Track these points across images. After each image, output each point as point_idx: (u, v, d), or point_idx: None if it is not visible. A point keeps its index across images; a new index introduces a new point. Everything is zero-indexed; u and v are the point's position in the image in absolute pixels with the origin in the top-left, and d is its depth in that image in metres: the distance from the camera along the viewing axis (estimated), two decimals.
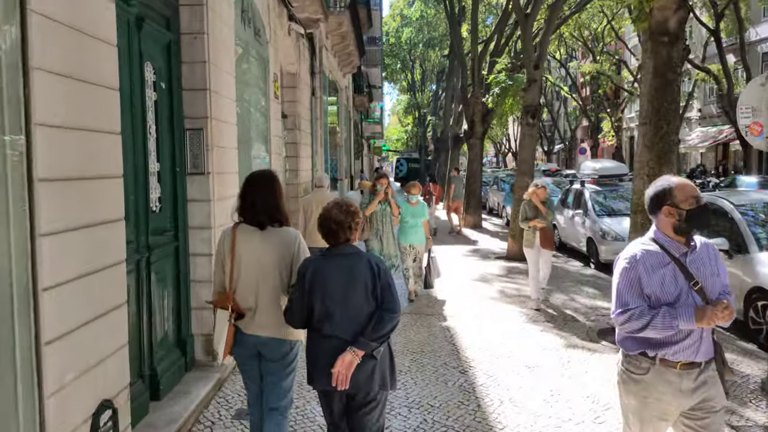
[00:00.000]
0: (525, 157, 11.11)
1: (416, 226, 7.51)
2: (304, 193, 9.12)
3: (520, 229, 11.34)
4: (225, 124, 4.67)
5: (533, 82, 11.01)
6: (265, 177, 3.19)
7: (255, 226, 3.00)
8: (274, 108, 6.73)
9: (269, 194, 3.08)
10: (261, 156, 6.43)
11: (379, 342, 2.77)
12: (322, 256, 2.88)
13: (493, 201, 21.98)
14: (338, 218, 2.84)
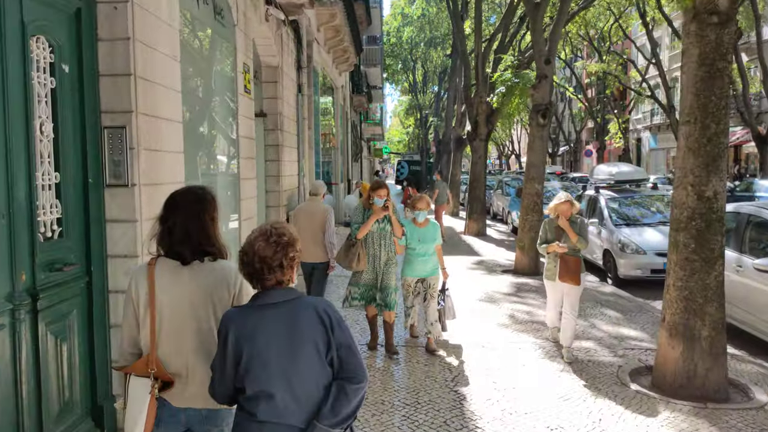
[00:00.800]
0: (534, 161, 10.07)
1: (426, 254, 5.61)
2: (288, 201, 8.10)
3: (530, 240, 10.33)
4: (163, 122, 3.64)
5: (544, 78, 9.97)
6: (195, 195, 2.35)
7: (180, 261, 2.23)
8: (245, 104, 5.70)
9: (199, 217, 2.28)
10: (225, 161, 5.40)
11: (342, 427, 2.00)
12: (249, 308, 2.06)
13: (498, 206, 20.94)
14: (264, 253, 2.05)
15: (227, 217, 5.28)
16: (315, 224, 5.78)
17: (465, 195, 26.50)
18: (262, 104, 7.58)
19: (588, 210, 11.11)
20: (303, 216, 5.91)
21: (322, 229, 5.80)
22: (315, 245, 5.76)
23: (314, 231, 5.77)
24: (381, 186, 5.49)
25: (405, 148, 61.14)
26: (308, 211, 5.96)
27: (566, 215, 5.54)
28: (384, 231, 5.48)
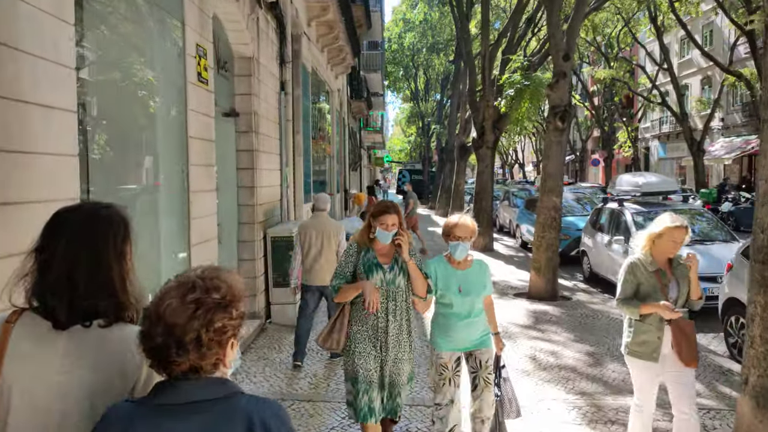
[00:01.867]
0: (552, 171, 8.85)
1: (472, 312, 3.47)
2: (266, 216, 6.89)
3: (546, 260, 9.10)
4: (35, 109, 2.43)
5: (562, 76, 8.78)
6: (90, 214, 1.56)
7: (51, 322, 1.45)
8: (200, 97, 4.50)
9: (94, 250, 1.49)
10: (167, 170, 4.19)
11: None
12: (143, 407, 1.34)
13: (504, 218, 19.71)
14: (172, 319, 1.31)
15: (168, 244, 4.07)
16: (327, 242, 5.34)
17: (469, 206, 25.34)
18: (233, 102, 6.38)
19: (610, 226, 9.87)
20: (313, 233, 5.44)
21: (335, 248, 5.38)
22: (328, 265, 5.26)
23: (326, 250, 5.34)
24: (388, 210, 3.29)
25: (407, 157, 60.02)
26: (318, 228, 5.48)
27: (674, 251, 3.48)
28: (394, 286, 3.25)
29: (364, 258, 3.33)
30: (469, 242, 3.51)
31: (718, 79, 32.87)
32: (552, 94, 8.90)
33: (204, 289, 1.35)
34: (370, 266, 3.28)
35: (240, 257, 6.46)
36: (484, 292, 3.56)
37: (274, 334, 6.46)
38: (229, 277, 1.42)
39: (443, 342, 3.49)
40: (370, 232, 3.33)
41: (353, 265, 3.34)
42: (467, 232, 3.50)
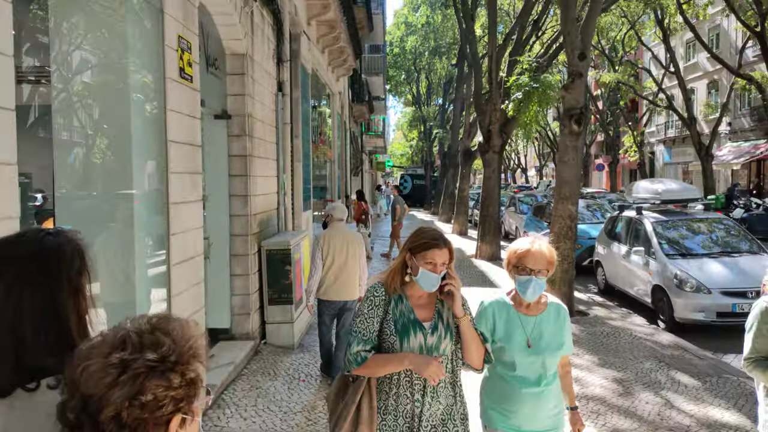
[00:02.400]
0: (567, 177, 8.30)
1: (542, 379, 2.46)
2: (261, 227, 6.34)
3: (561, 274, 8.53)
4: None
5: (578, 76, 8.24)
6: (35, 250, 1.26)
7: None
8: (182, 95, 3.95)
9: (46, 294, 1.24)
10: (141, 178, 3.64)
11: None
12: None
13: (510, 224, 19.13)
14: (88, 389, 0.99)
15: (142, 266, 3.52)
16: (352, 255, 5.10)
17: (472, 211, 24.80)
18: (225, 103, 5.84)
19: (628, 235, 9.30)
20: (338, 244, 5.12)
21: (359, 261, 5.19)
22: (351, 280, 5.12)
23: (351, 263, 5.11)
24: (437, 243, 2.29)
25: (408, 162, 59.52)
26: (343, 239, 5.17)
27: None
28: (437, 353, 2.22)
29: (395, 310, 2.25)
30: (545, 277, 2.47)
31: (725, 83, 32.36)
32: (567, 96, 8.35)
33: (137, 346, 1.00)
34: (407, 325, 2.21)
35: (232, 272, 5.91)
36: (561, 350, 2.51)
37: (268, 358, 5.89)
38: (177, 328, 1.07)
39: (499, 418, 2.47)
40: (404, 273, 2.28)
41: (379, 320, 2.24)
42: (543, 263, 2.45)
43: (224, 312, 5.90)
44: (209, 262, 5.03)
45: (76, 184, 3.20)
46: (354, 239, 5.20)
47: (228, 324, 5.91)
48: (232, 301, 5.92)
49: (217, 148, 5.81)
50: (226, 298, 5.90)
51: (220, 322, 5.88)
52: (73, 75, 3.24)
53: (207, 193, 5.48)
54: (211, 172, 5.78)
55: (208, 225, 5.63)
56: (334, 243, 5.11)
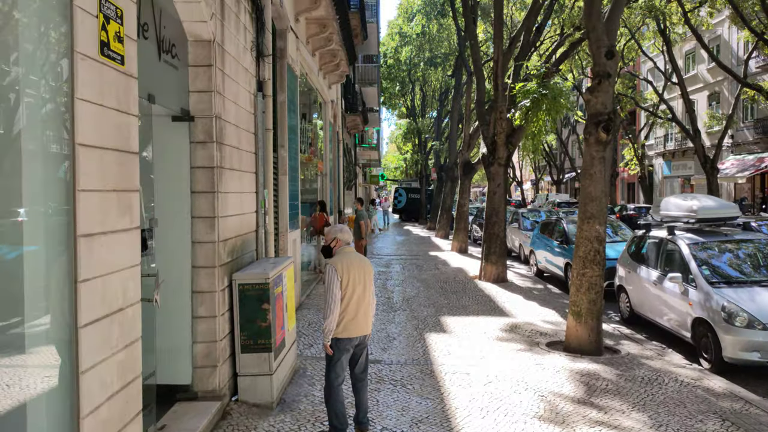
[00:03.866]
0: (594, 193, 7.18)
1: None
2: (231, 256, 5.15)
3: (588, 304, 7.38)
4: None
5: (605, 77, 7.16)
6: None
7: None
8: (101, 81, 2.78)
9: None
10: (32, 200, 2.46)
11: None
12: None
13: (512, 240, 18.02)
14: None
15: (20, 335, 2.33)
16: (369, 283, 4.56)
17: (471, 227, 23.68)
18: (186, 101, 4.69)
19: (659, 259, 8.19)
20: (357, 273, 4.46)
21: (373, 288, 4.65)
22: (371, 310, 4.58)
23: (368, 292, 4.54)
24: None
25: (402, 175, 58.48)
26: (360, 266, 4.51)
27: None
28: None
29: None
30: None
31: (726, 95, 31.64)
32: (593, 100, 7.26)
33: None
34: None
35: (195, 314, 4.71)
36: None
37: (240, 423, 4.68)
38: None
39: None
40: None
41: None
42: None
43: (183, 364, 4.70)
44: (158, 307, 3.83)
45: None
46: (369, 265, 4.65)
47: (188, 379, 4.71)
48: (194, 351, 4.72)
49: (175, 157, 4.65)
50: (186, 346, 4.71)
51: (178, 377, 4.68)
52: None
53: (155, 216, 4.30)
54: (165, 189, 4.61)
55: (160, 257, 4.44)
56: (353, 272, 4.44)
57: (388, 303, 10.20)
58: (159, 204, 4.57)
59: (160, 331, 4.48)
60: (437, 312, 9.50)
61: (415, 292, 11.32)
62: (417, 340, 7.69)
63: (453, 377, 6.11)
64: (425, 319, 8.99)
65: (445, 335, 7.97)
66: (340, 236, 4.65)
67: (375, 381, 5.95)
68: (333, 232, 4.68)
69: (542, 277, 13.80)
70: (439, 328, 8.42)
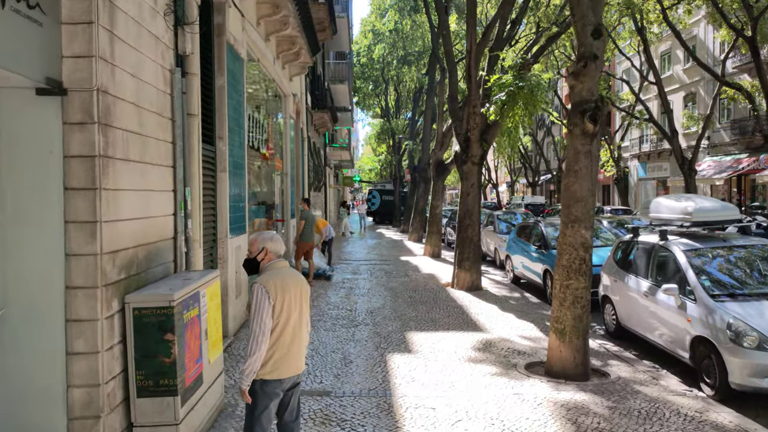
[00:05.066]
0: (580, 193, 6.20)
1: None
2: (124, 272, 4.01)
3: (573, 320, 6.39)
4: None
5: (591, 60, 6.21)
6: None
7: None
8: None
9: None
10: None
11: None
12: None
13: (486, 244, 17.08)
14: None
15: None
16: (305, 308, 3.57)
17: (445, 230, 22.74)
18: (56, 68, 3.55)
19: (649, 267, 7.28)
20: (294, 295, 3.47)
21: (308, 313, 3.65)
22: (305, 342, 3.61)
23: (304, 319, 3.56)
24: None
25: (377, 177, 57.46)
26: (296, 285, 3.52)
27: None
28: None
29: None
30: None
31: (702, 95, 31.36)
32: (577, 85, 6.30)
33: None
34: None
35: (70, 350, 3.58)
36: None
37: None
38: None
39: None
40: None
41: None
42: None
43: (53, 416, 3.54)
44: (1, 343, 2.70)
45: None
46: (305, 284, 3.65)
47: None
48: (69, 398, 3.58)
49: (40, 143, 3.51)
50: (58, 393, 3.56)
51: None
52: None
53: (10, 218, 3.16)
54: (23, 184, 3.47)
55: (13, 275, 3.29)
56: (288, 294, 3.43)
57: (349, 317, 9.12)
58: (14, 205, 3.42)
59: (15, 374, 3.34)
60: (403, 327, 8.46)
61: (381, 303, 10.26)
62: (377, 363, 6.63)
63: (415, 414, 5.06)
64: (389, 335, 7.94)
65: (411, 356, 6.93)
66: (271, 246, 3.58)
67: (318, 423, 4.86)
68: (261, 240, 3.61)
69: (519, 284, 12.88)
70: (404, 346, 7.38)
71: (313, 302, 10.21)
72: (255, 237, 3.65)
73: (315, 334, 7.91)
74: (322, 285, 12.19)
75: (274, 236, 3.64)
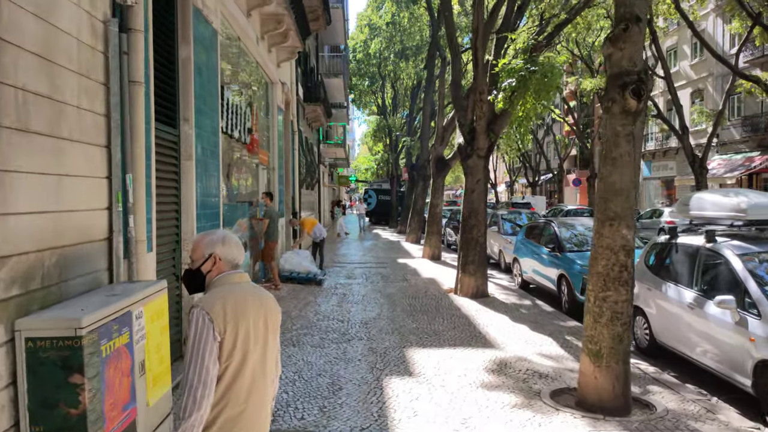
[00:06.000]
0: (620, 185, 5.09)
1: None
2: (15, 288, 2.85)
3: (611, 341, 5.23)
4: None
5: (633, 22, 5.09)
6: None
7: None
8: None
9: None
10: None
11: None
12: None
13: (490, 246, 15.93)
14: None
15: None
16: (272, 340, 2.41)
17: (445, 230, 21.63)
18: None
19: (694, 274, 6.17)
20: (253, 322, 2.31)
21: (278, 349, 2.49)
22: (271, 392, 2.46)
23: (270, 356, 2.41)
24: None
25: (373, 176, 56.32)
26: (258, 308, 2.36)
27: None
28: None
29: None
30: None
31: (711, 91, 30.34)
32: (616, 53, 5.18)
33: None
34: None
35: None
36: None
37: None
38: None
39: None
40: None
41: None
42: None
43: None
44: None
45: None
46: (274, 306, 2.49)
47: None
48: None
49: None
50: None
51: None
52: None
53: None
54: None
55: None
56: (244, 322, 2.31)
57: (340, 329, 7.98)
58: None
59: None
60: (402, 341, 7.33)
61: (377, 312, 9.13)
62: (372, 390, 5.50)
63: None
64: (386, 352, 6.81)
65: (412, 380, 5.80)
66: (222, 251, 2.44)
67: None
68: (206, 242, 2.47)
69: (528, 289, 11.77)
70: (403, 367, 6.24)
71: (300, 311, 9.06)
72: (199, 238, 2.51)
73: (300, 352, 6.76)
74: (312, 291, 11.04)
75: (227, 237, 2.50)
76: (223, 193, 7.60)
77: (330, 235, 24.37)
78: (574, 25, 21.23)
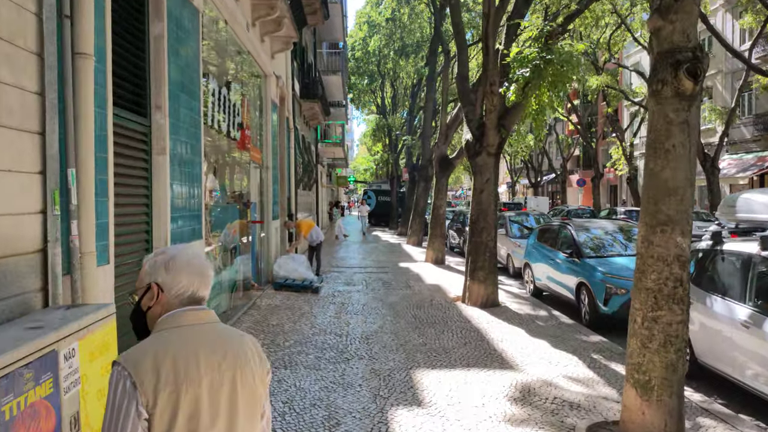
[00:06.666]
0: (673, 182, 4.26)
1: None
2: None
3: (665, 372, 4.29)
4: None
5: None
6: None
7: None
8: None
9: None
10: None
11: None
12: None
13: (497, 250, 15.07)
14: None
15: None
16: (246, 411, 1.58)
17: (448, 232, 20.79)
18: None
19: (748, 289, 5.34)
20: (211, 384, 1.50)
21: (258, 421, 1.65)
22: None
23: (255, 407, 1.62)
24: None
25: (372, 177, 55.47)
26: (217, 363, 1.53)
27: None
28: None
29: None
30: None
31: (719, 89, 29.54)
32: (666, 27, 4.35)
33: None
34: None
35: None
36: None
37: None
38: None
39: None
40: None
41: None
42: None
43: None
44: None
45: None
46: (247, 357, 1.62)
47: None
48: None
49: None
50: None
51: None
52: None
53: None
54: None
55: None
56: (192, 389, 1.46)
57: (338, 346, 7.13)
58: None
59: None
60: (409, 360, 6.49)
61: (380, 324, 8.29)
62: (375, 426, 4.66)
63: None
64: (391, 375, 5.96)
65: (422, 412, 4.96)
66: (164, 279, 1.61)
67: None
68: (149, 267, 1.65)
69: (541, 297, 10.94)
70: (411, 395, 5.40)
71: (294, 324, 8.21)
72: (146, 259, 1.67)
73: (292, 376, 5.92)
74: (308, 300, 10.20)
75: (175, 258, 1.64)
76: (207, 193, 6.76)
77: (328, 238, 23.54)
78: (582, 19, 20.47)
